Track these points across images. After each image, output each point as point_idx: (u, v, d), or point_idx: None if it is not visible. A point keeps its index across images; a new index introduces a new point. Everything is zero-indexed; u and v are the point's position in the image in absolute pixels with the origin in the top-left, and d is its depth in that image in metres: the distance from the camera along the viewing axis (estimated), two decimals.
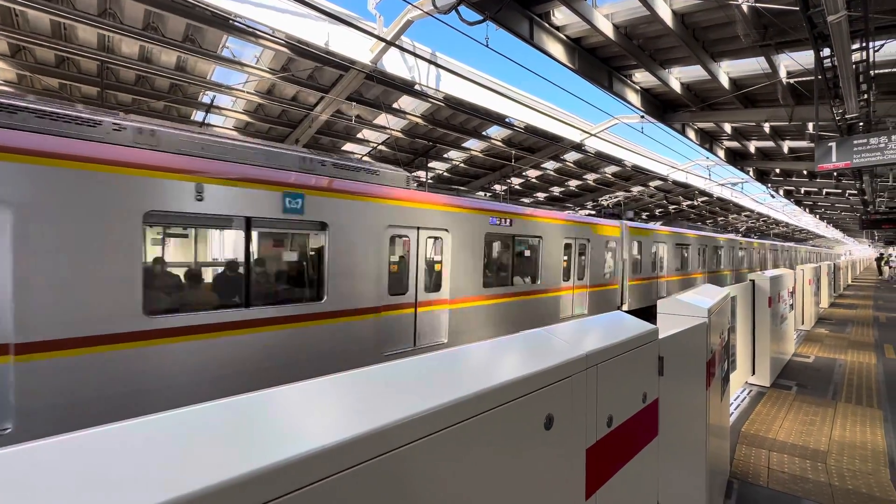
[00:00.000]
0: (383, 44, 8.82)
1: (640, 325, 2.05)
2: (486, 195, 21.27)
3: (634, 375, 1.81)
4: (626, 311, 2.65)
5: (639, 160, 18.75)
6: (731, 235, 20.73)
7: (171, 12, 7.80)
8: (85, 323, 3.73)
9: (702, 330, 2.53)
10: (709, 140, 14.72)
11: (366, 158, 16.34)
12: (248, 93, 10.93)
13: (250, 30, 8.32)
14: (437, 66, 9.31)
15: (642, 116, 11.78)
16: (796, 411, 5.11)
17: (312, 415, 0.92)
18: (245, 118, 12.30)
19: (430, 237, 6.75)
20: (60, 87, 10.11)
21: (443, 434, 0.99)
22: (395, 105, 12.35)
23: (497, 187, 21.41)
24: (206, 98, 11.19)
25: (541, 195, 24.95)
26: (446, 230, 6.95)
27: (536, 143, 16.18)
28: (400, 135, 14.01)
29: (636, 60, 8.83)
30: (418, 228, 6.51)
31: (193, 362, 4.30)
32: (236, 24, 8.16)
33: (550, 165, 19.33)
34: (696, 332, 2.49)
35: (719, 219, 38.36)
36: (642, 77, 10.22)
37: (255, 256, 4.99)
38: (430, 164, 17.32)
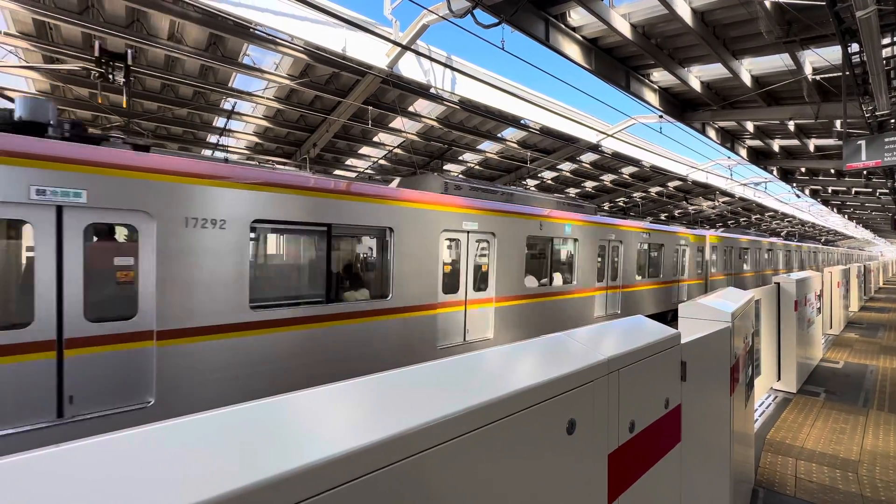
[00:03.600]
0: (399, 48, 8.91)
1: (661, 330, 2.03)
2: None
3: (657, 381, 1.80)
4: None
5: (657, 160, 18.43)
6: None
7: (194, 22, 8.04)
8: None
9: (725, 334, 2.49)
10: (730, 139, 14.38)
11: (382, 162, 16.49)
12: (267, 98, 11.16)
13: (270, 37, 8.51)
14: (453, 69, 9.36)
15: (661, 116, 11.60)
16: (825, 419, 4.95)
17: (334, 419, 0.93)
18: (265, 123, 12.56)
19: None
20: (90, 96, 10.51)
21: (464, 439, 0.99)
22: (410, 108, 12.44)
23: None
24: (227, 105, 11.47)
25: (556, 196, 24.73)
26: None
27: (552, 145, 16.07)
28: (415, 138, 14.10)
29: (654, 59, 8.70)
30: None
31: None
32: (257, 32, 8.36)
33: (566, 167, 19.17)
34: (720, 336, 2.44)
35: (741, 219, 37.40)
36: (660, 76, 10.07)
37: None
38: (444, 167, 17.37)
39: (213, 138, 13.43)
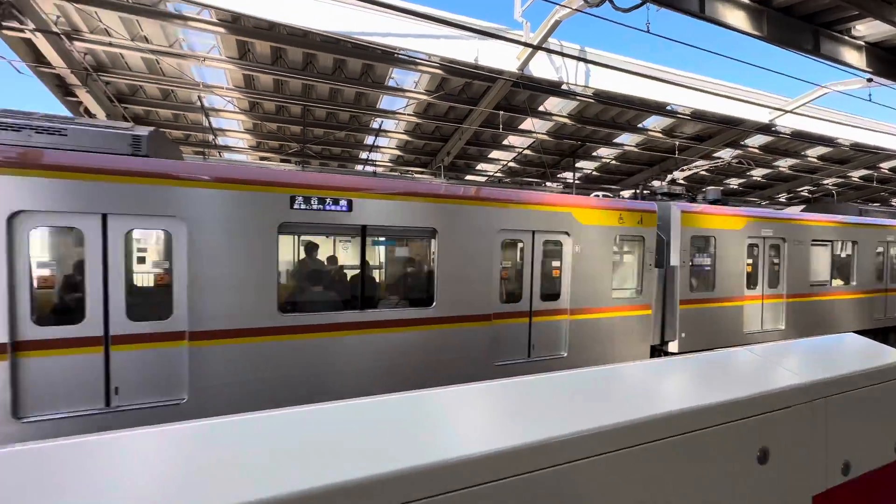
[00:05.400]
0: (530, 49, 8.85)
1: (882, 353, 1.61)
2: (640, 192, 19.19)
3: (881, 418, 1.44)
4: None
5: (862, 136, 14.44)
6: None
7: (350, 56, 9.33)
8: None
9: None
10: None
11: (511, 164, 16.56)
12: (408, 115, 12.26)
13: (411, 59, 9.34)
14: (587, 61, 8.89)
15: (869, 80, 9.07)
16: None
17: (484, 418, 0.95)
18: (405, 137, 13.82)
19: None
20: (278, 128, 13.04)
21: (620, 454, 0.94)
22: (540, 108, 12.23)
23: (656, 183, 19.13)
24: (375, 124, 12.98)
25: (711, 190, 21.29)
26: None
27: (706, 130, 13.96)
28: (546, 137, 13.79)
29: (858, 9, 6.86)
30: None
31: None
32: (399, 56, 9.27)
33: (726, 154, 16.40)
34: None
35: None
36: (867, 28, 7.87)
37: None
38: (577, 164, 16.54)
39: (363, 154, 15.33)
